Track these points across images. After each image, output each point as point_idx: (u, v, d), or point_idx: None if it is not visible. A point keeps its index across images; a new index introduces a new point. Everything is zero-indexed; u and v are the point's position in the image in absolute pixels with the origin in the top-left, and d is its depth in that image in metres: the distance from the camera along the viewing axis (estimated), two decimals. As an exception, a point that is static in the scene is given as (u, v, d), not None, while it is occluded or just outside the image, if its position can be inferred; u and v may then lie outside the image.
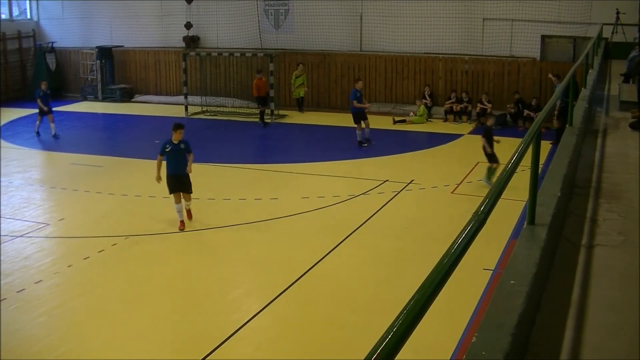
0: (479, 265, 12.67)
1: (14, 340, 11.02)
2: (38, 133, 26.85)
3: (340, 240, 14.88)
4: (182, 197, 15.82)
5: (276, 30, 31.87)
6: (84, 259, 14.30)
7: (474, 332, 8.87)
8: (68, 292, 12.80)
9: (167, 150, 15.66)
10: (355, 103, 23.36)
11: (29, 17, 38.10)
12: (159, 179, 15.73)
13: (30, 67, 37.07)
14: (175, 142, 15.69)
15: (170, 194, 15.89)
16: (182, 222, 15.88)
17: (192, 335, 11.04)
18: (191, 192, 16.03)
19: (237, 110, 29.66)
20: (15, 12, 37.80)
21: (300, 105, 29.83)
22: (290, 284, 12.74)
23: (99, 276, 13.45)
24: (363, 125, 23.36)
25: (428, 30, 28.86)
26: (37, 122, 26.93)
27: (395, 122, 27.45)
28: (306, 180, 19.86)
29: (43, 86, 27.02)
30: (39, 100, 26.46)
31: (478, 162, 20.74)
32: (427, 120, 27.79)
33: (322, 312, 11.76)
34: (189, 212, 16.20)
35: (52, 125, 26.45)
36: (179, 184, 15.79)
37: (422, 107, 27.82)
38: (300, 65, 29.51)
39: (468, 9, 28.40)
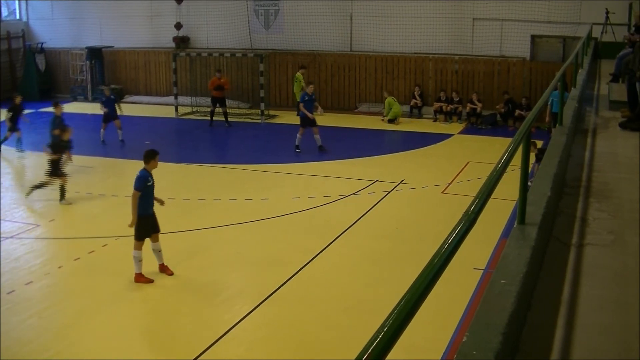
0: (469, 265, 12.69)
1: (5, 341, 10.97)
2: (104, 142, 25.11)
3: (331, 241, 14.90)
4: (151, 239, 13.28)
5: (266, 30, 31.85)
6: (75, 259, 14.27)
7: (464, 331, 8.85)
8: (58, 294, 12.78)
9: (148, 184, 13.03)
10: (301, 106, 23.31)
11: (18, 17, 37.93)
12: (134, 223, 12.93)
13: (20, 68, 36.90)
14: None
15: (141, 240, 13.08)
16: (140, 274, 13.09)
17: (183, 336, 11.04)
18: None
19: (227, 111, 29.58)
20: (5, 12, 37.61)
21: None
22: (281, 284, 12.75)
23: (89, 277, 13.42)
24: (315, 131, 23.13)
25: (418, 30, 28.88)
26: (102, 130, 25.11)
27: (387, 121, 27.54)
28: (297, 181, 19.86)
29: (107, 91, 25.60)
30: (102, 106, 25.07)
31: (468, 162, 20.78)
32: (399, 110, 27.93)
33: (313, 312, 11.77)
34: (162, 265, 13.50)
35: (119, 131, 25.01)
36: (152, 226, 13.27)
37: (390, 99, 27.83)
38: (303, 69, 29.50)
39: (458, 9, 28.44)
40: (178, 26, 32.79)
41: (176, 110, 29.53)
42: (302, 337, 10.98)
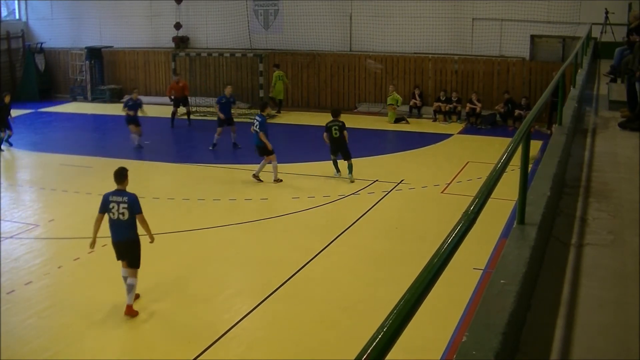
0: (469, 265, 12.69)
1: (5, 341, 10.98)
2: (214, 145, 23.59)
3: (331, 240, 14.90)
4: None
5: (266, 30, 31.85)
6: (74, 260, 14.26)
7: (464, 331, 8.85)
8: (58, 294, 12.77)
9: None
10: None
11: (17, 17, 37.92)
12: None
13: (19, 68, 36.87)
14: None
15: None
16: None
17: (182, 336, 11.05)
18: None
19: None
20: (4, 12, 37.57)
21: (280, 106, 30.03)
22: (281, 283, 12.76)
23: (89, 277, 13.42)
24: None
25: (418, 30, 28.89)
26: (217, 136, 23.52)
27: (394, 120, 27.61)
28: (296, 181, 19.85)
29: (227, 91, 24.13)
30: (217, 107, 23.81)
31: (468, 162, 20.79)
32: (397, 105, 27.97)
33: (313, 312, 11.77)
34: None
35: (233, 135, 23.69)
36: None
37: (394, 94, 27.91)
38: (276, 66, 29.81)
39: (458, 9, 28.45)
40: (177, 26, 32.79)
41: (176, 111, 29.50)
42: (301, 336, 10.99)
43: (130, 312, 11.66)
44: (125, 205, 11.42)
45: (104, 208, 11.53)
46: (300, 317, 11.58)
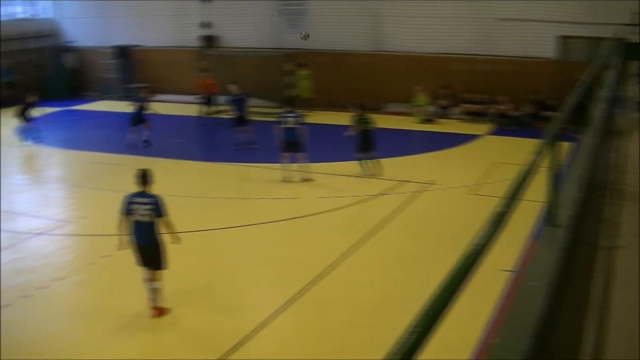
0: (497, 266, 12.67)
1: (34, 337, 11.15)
2: (240, 145, 23.83)
3: (359, 240, 14.93)
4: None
5: (292, 30, 31.88)
6: (105, 257, 14.41)
7: (493, 333, 8.90)
8: (88, 290, 12.93)
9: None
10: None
11: (47, 16, 38.32)
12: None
13: (49, 66, 37.27)
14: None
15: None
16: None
17: (209, 335, 11.15)
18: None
19: (254, 110, 29.69)
20: (34, 11, 38.04)
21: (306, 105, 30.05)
22: (308, 283, 12.82)
23: (118, 274, 13.56)
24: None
25: (444, 30, 28.84)
26: (243, 134, 23.71)
27: (421, 121, 27.62)
28: (325, 180, 19.88)
29: (233, 89, 24.31)
30: (231, 107, 24.18)
31: (496, 163, 20.76)
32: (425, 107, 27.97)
33: (341, 312, 11.81)
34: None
35: (248, 134, 23.85)
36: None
37: (422, 95, 27.90)
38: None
39: (484, 9, 28.33)
40: (204, 25, 32.95)
41: (202, 109, 29.63)
42: (328, 336, 11.04)
43: (160, 313, 11.65)
44: (149, 207, 11.22)
45: (126, 209, 11.33)
46: (327, 317, 11.64)
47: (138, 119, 24.31)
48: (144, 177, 11.54)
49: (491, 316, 11.17)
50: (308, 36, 21.53)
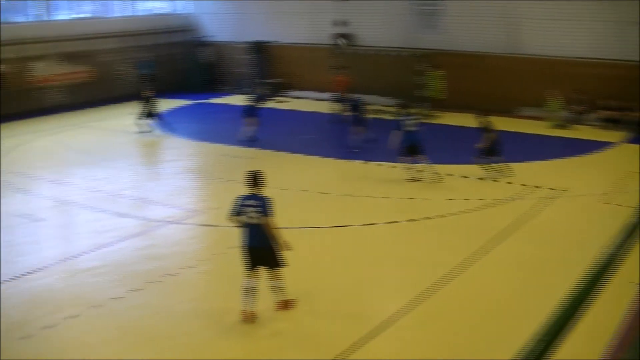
0: (626, 278, 12.20)
1: (161, 322, 11.47)
2: (366, 142, 23.59)
3: (486, 244, 14.70)
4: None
5: (429, 30, 31.64)
6: (234, 247, 14.62)
7: (621, 348, 8.60)
8: (216, 279, 13.21)
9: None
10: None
11: (187, 11, 39.46)
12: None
13: (187, 60, 38.39)
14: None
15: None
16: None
17: (332, 332, 11.18)
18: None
19: (388, 109, 29.65)
20: (175, 6, 39.26)
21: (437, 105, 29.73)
22: (431, 285, 12.73)
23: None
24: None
25: (583, 34, 28.02)
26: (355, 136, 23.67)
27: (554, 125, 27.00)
28: (454, 182, 19.64)
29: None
30: (346, 107, 24.45)
31: (632, 172, 20.02)
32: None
33: (462, 317, 11.66)
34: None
35: (362, 135, 23.78)
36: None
37: (555, 100, 27.18)
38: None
39: (624, 12, 27.30)
40: (339, 23, 33.13)
41: (335, 106, 29.77)
42: (450, 340, 10.87)
43: (287, 305, 11.70)
44: (259, 209, 11.13)
45: (237, 211, 11.32)
46: (448, 321, 11.51)
47: (250, 112, 24.59)
48: (255, 179, 11.45)
49: (618, 330, 10.76)
50: (347, 43, 21.38)
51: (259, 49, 36.08)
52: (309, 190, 18.95)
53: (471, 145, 20.36)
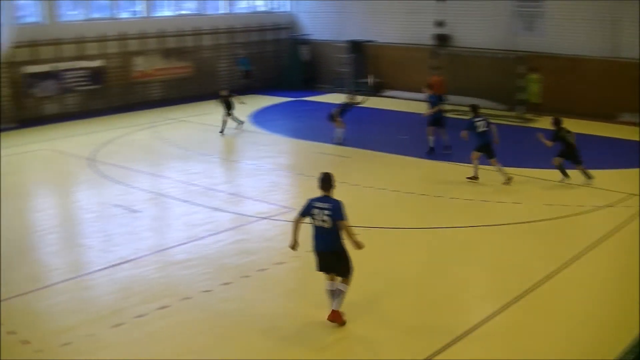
0: None
1: (249, 318, 11.50)
2: (443, 149, 23.11)
3: (581, 252, 14.21)
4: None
5: (527, 32, 30.97)
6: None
7: None
8: (304, 277, 13.11)
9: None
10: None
11: (286, 9, 39.75)
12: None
13: (285, 58, 38.69)
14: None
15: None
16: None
17: (423, 332, 11.06)
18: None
19: (485, 112, 29.19)
20: (274, 5, 39.59)
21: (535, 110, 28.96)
22: (525, 291, 12.40)
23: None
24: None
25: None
26: (431, 137, 23.11)
27: None
28: (547, 187, 19.05)
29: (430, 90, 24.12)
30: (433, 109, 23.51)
31: None
32: None
33: (553, 324, 11.33)
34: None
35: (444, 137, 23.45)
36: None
37: None
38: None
39: None
40: (438, 24, 32.79)
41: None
42: (540, 348, 10.56)
43: (335, 318, 11.08)
44: (329, 212, 10.73)
45: (306, 212, 10.96)
46: (539, 327, 11.18)
47: (339, 114, 24.40)
48: (326, 182, 11.11)
49: None
50: (374, 82, 20.94)
51: (357, 48, 36.02)
52: (398, 190, 18.79)
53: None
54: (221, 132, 26.31)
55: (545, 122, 27.10)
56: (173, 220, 17.11)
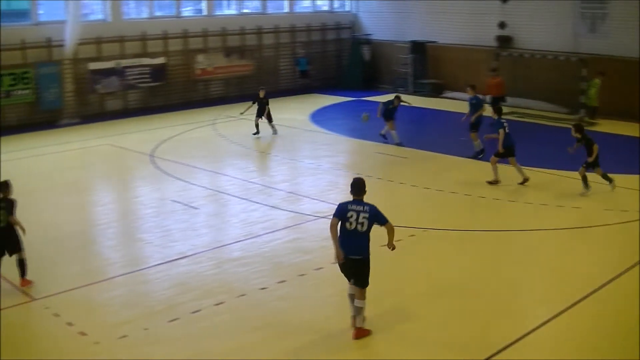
0: None
1: (302, 316, 11.49)
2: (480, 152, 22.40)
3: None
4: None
5: (592, 34, 30.37)
6: (381, 246, 14.49)
7: None
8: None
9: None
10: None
11: (348, 9, 39.74)
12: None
13: (346, 57, 38.66)
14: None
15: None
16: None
17: (478, 334, 10.93)
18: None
19: (545, 114, 28.82)
20: (336, 4, 39.61)
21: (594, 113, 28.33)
22: (583, 297, 12.15)
23: (393, 264, 13.60)
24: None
25: None
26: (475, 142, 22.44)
27: None
28: (608, 191, 18.50)
29: (470, 91, 23.30)
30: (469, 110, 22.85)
31: None
32: None
33: (611, 332, 11.09)
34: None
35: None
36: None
37: None
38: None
39: None
40: (501, 25, 32.39)
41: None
42: (594, 356, 10.30)
43: (360, 335, 10.75)
44: (367, 215, 10.49)
45: (341, 214, 10.53)
46: (599, 336, 10.96)
47: (386, 114, 24.09)
48: (360, 186, 10.82)
49: None
50: (368, 117, 20.45)
51: (419, 48, 35.83)
52: (456, 191, 18.59)
53: (628, 154, 19.30)
54: (255, 134, 25.66)
55: (606, 126, 26.69)
56: (231, 217, 17.17)
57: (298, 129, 27.02)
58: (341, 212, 10.54)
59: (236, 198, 18.31)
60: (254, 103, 25.89)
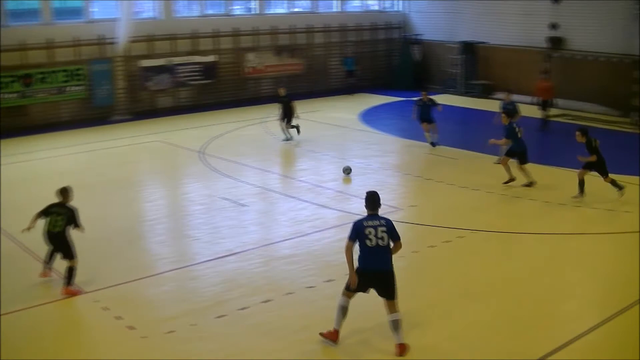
0: None
1: (351, 313, 11.31)
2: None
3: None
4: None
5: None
6: (430, 246, 14.44)
7: None
8: (408, 277, 12.90)
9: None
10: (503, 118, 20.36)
11: (398, 9, 39.60)
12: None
13: (396, 57, 38.54)
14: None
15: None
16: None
17: (522, 339, 10.78)
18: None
19: (597, 117, 28.36)
20: (386, 4, 39.50)
21: None
22: (631, 304, 11.87)
23: (441, 265, 13.59)
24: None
25: None
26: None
27: None
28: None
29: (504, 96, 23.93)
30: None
31: None
32: None
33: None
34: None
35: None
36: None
37: None
38: None
39: None
40: (553, 26, 31.97)
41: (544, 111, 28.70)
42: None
43: (404, 351, 10.25)
44: (384, 229, 10.18)
45: (357, 235, 10.18)
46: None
47: (422, 116, 23.87)
48: (375, 200, 10.47)
49: None
50: (350, 171, 20.01)
51: (469, 49, 35.58)
52: (505, 193, 18.43)
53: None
54: (287, 139, 25.15)
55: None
56: (279, 215, 17.18)
57: (348, 128, 26.98)
58: (357, 232, 10.20)
59: (285, 196, 18.37)
60: (280, 104, 25.23)
